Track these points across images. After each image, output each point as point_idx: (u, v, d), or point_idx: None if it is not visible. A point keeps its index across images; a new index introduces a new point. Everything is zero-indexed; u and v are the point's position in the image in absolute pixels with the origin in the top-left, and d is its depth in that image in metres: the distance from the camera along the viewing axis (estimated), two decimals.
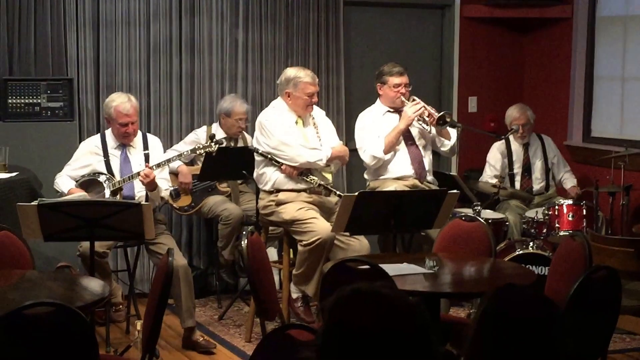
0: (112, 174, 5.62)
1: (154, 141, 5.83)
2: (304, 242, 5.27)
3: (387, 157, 5.86)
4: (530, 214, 6.42)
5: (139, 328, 4.28)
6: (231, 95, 6.60)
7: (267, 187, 5.53)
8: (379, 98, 6.04)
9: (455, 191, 5.19)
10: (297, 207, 5.38)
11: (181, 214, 6.56)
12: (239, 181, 6.46)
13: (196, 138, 6.41)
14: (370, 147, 5.86)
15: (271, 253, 6.27)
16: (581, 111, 7.52)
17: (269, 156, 5.46)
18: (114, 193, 5.54)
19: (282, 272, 5.72)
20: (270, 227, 5.76)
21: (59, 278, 4.57)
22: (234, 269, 6.53)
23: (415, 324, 1.80)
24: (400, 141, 5.91)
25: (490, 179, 6.75)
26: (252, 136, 5.86)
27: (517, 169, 6.89)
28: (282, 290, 5.64)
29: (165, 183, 5.70)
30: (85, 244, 5.07)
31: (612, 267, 4.01)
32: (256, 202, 5.69)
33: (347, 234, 5.24)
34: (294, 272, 5.44)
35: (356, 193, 4.98)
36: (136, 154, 5.71)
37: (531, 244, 5.93)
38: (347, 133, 7.00)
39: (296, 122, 5.57)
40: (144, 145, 5.74)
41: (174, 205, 6.37)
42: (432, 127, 5.90)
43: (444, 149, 6.03)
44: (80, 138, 6.21)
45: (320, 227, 5.25)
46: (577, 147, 7.46)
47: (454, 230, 5.02)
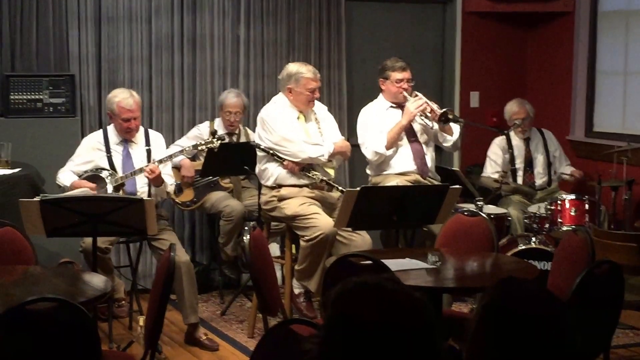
0: (115, 170, 5.62)
1: (156, 137, 5.83)
2: (306, 238, 5.28)
3: (389, 152, 5.86)
4: (532, 209, 6.42)
5: (141, 324, 4.29)
6: (229, 89, 6.60)
7: (270, 183, 5.53)
8: (381, 93, 6.04)
9: (457, 186, 5.19)
10: (299, 203, 5.38)
11: (183, 209, 6.56)
12: (241, 177, 6.46)
13: (199, 133, 6.41)
14: (372, 142, 5.85)
15: (273, 248, 6.27)
16: (583, 106, 7.51)
17: (271, 152, 5.46)
18: (117, 189, 5.54)
19: (284, 267, 5.73)
20: (272, 223, 5.76)
21: (62, 274, 4.58)
22: (236, 265, 6.53)
23: (419, 318, 1.80)
24: (403, 137, 5.91)
25: (492, 174, 6.75)
26: (254, 131, 5.86)
27: (519, 164, 6.89)
28: (285, 285, 5.65)
29: (169, 179, 5.71)
30: (88, 240, 5.08)
31: (614, 262, 4.01)
32: (258, 198, 5.69)
33: (350, 229, 5.24)
34: (296, 267, 5.44)
35: (358, 188, 4.98)
36: (138, 150, 5.71)
37: (533, 239, 5.93)
38: (348, 128, 6.99)
39: (298, 118, 5.57)
40: (146, 141, 5.74)
41: (176, 200, 6.37)
42: (435, 123, 5.89)
43: (446, 144, 6.02)
44: (83, 134, 6.21)
45: (323, 222, 5.25)
46: (580, 142, 7.46)
47: (456, 226, 5.02)
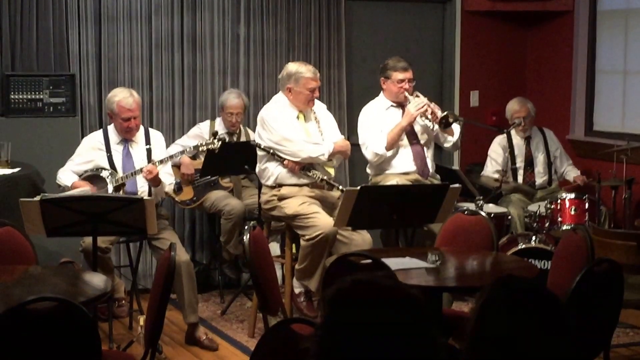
0: (115, 169, 5.63)
1: (156, 136, 5.83)
2: (307, 237, 5.28)
3: (389, 153, 5.84)
4: (532, 207, 6.43)
5: (141, 323, 4.30)
6: (230, 89, 6.61)
7: (270, 182, 5.53)
8: (382, 92, 6.03)
9: (457, 185, 5.20)
10: (299, 202, 5.38)
11: (183, 207, 6.56)
12: (242, 176, 6.46)
13: (200, 132, 6.41)
14: (372, 143, 5.84)
15: (273, 248, 6.27)
16: (583, 105, 7.51)
17: (271, 151, 5.46)
18: (117, 188, 5.55)
19: (284, 266, 5.73)
20: (272, 222, 5.77)
21: (62, 273, 4.57)
22: (236, 264, 6.53)
23: (415, 315, 1.80)
24: (403, 138, 5.89)
25: (492, 173, 6.75)
26: (254, 131, 5.87)
27: (520, 162, 6.89)
28: (285, 285, 5.65)
29: (168, 178, 5.71)
30: (88, 240, 5.08)
31: (614, 261, 4.01)
32: (258, 197, 5.70)
33: (350, 228, 5.24)
34: (296, 266, 5.44)
35: (358, 187, 4.98)
36: (138, 149, 5.71)
37: (534, 238, 5.93)
38: (348, 127, 6.99)
39: (298, 117, 5.57)
40: (146, 140, 5.74)
41: (176, 198, 6.37)
42: (435, 124, 5.88)
43: (447, 145, 6.01)
44: (83, 133, 6.22)
45: (323, 221, 5.25)
46: (580, 141, 7.46)
47: (456, 225, 5.02)
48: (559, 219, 6.21)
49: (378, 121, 5.89)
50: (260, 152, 5.57)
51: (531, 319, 1.91)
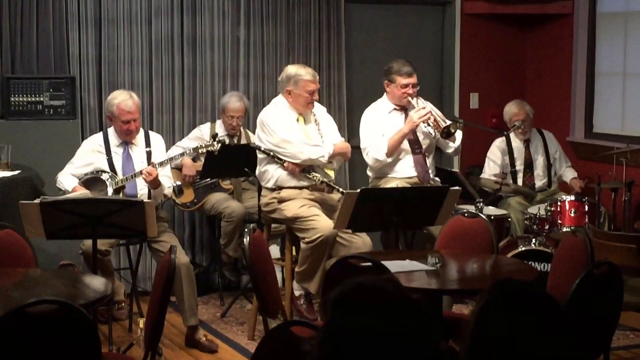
0: (115, 172, 5.63)
1: (156, 139, 5.84)
2: (307, 240, 5.28)
3: (390, 160, 5.80)
4: (532, 210, 6.42)
5: (141, 326, 4.30)
6: (232, 92, 6.61)
7: (270, 185, 5.53)
8: (385, 94, 5.98)
9: (457, 188, 5.20)
10: (299, 205, 5.38)
11: (183, 210, 6.56)
12: (242, 178, 6.46)
13: (200, 134, 6.41)
14: (373, 149, 5.79)
15: (273, 250, 6.27)
16: (583, 107, 7.51)
17: (272, 154, 5.46)
18: (117, 191, 5.54)
19: (284, 269, 5.73)
20: (272, 225, 5.76)
21: (62, 276, 4.58)
22: (236, 267, 6.53)
23: (417, 319, 1.80)
24: (406, 145, 5.82)
25: (490, 176, 6.76)
26: (254, 133, 5.87)
27: (519, 165, 6.89)
28: (285, 287, 5.64)
29: (167, 181, 5.71)
30: (88, 242, 5.08)
31: (614, 263, 4.01)
32: (258, 200, 5.70)
33: (350, 231, 5.24)
34: (296, 269, 5.44)
35: (358, 190, 4.98)
36: (138, 152, 5.71)
37: (534, 240, 5.93)
38: (348, 129, 7.00)
39: (297, 120, 5.57)
40: (146, 143, 5.74)
41: (177, 201, 6.37)
42: (437, 132, 5.82)
43: (449, 150, 5.98)
44: (83, 136, 6.22)
45: (323, 224, 5.25)
46: (579, 143, 7.46)
47: (456, 227, 5.02)
48: (559, 222, 6.20)
49: (380, 125, 5.85)
50: (260, 155, 5.57)
51: (530, 321, 1.91)
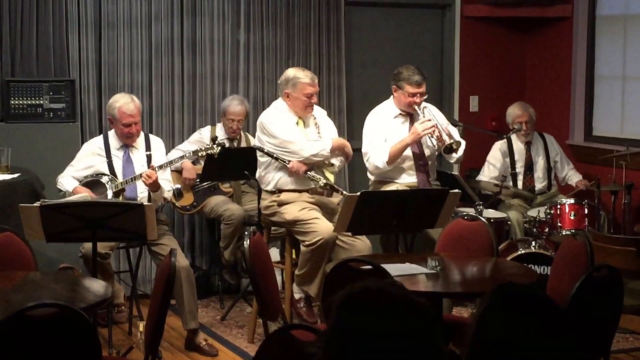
0: (115, 175, 5.63)
1: (156, 142, 5.84)
2: (307, 243, 5.27)
3: (390, 168, 5.77)
4: (532, 213, 6.43)
5: (141, 329, 4.30)
6: (233, 96, 6.61)
7: (269, 188, 5.53)
8: (392, 97, 5.94)
9: (457, 191, 5.20)
10: (299, 208, 5.38)
11: (183, 213, 6.56)
12: (242, 181, 6.46)
13: (200, 137, 6.41)
14: (374, 156, 5.73)
15: (273, 253, 6.26)
16: (582, 110, 7.52)
17: (274, 155, 5.43)
18: (117, 194, 5.55)
19: (284, 272, 5.73)
20: (272, 228, 5.77)
21: (62, 279, 4.58)
22: (236, 270, 6.53)
23: (422, 323, 1.80)
24: (411, 160, 5.81)
25: (488, 178, 6.75)
26: (254, 136, 5.86)
27: (520, 167, 6.89)
28: (285, 290, 5.64)
29: (167, 184, 5.71)
30: (88, 245, 5.08)
31: (614, 266, 4.01)
32: (258, 203, 5.69)
33: (349, 234, 5.24)
34: (296, 272, 5.44)
35: (358, 193, 4.98)
36: (139, 155, 5.71)
37: (533, 243, 5.93)
38: (348, 132, 7.00)
39: (297, 123, 5.56)
40: (146, 146, 5.75)
41: (176, 204, 6.37)
42: (439, 145, 5.77)
43: (450, 160, 5.94)
44: (83, 139, 6.22)
45: (323, 227, 5.25)
46: (579, 146, 7.46)
47: (456, 230, 5.02)
48: (559, 224, 6.20)
49: (383, 129, 5.79)
50: (261, 158, 5.56)
51: (531, 325, 1.92)
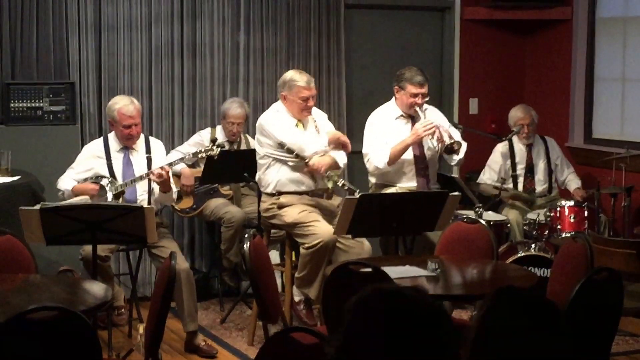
0: (115, 177, 5.63)
1: (156, 144, 5.84)
2: (306, 245, 5.28)
3: (390, 169, 5.78)
4: (532, 215, 6.43)
5: (141, 332, 4.29)
6: (233, 98, 6.61)
7: (269, 190, 5.53)
8: (394, 99, 5.96)
9: (456, 193, 5.20)
10: (299, 210, 5.38)
11: (183, 216, 6.56)
12: (241, 184, 6.46)
13: (200, 139, 6.41)
14: (374, 157, 5.75)
15: (273, 256, 6.27)
16: (582, 113, 7.52)
17: (295, 152, 5.42)
18: (117, 196, 5.54)
19: (284, 275, 5.73)
20: (272, 230, 5.76)
21: (62, 282, 4.58)
22: (236, 272, 6.53)
23: (437, 326, 1.80)
24: (411, 164, 5.81)
25: (487, 180, 6.76)
26: (254, 138, 5.86)
27: (520, 170, 6.89)
28: (285, 293, 5.64)
29: (173, 186, 5.71)
30: (88, 248, 5.08)
31: (613, 269, 4.01)
32: (258, 205, 5.70)
33: (349, 236, 5.24)
34: (296, 275, 5.44)
35: (358, 196, 4.98)
36: (139, 157, 5.71)
37: (533, 245, 5.94)
38: (348, 135, 6.97)
39: (296, 125, 5.56)
40: (146, 149, 5.75)
41: (176, 207, 6.37)
42: (440, 146, 5.78)
43: (451, 163, 5.95)
44: (83, 142, 6.22)
45: (323, 229, 5.25)
46: (579, 149, 7.46)
47: (455, 233, 5.03)
48: (558, 227, 6.20)
49: (384, 130, 5.80)
50: (260, 160, 5.56)
51: (532, 329, 1.92)
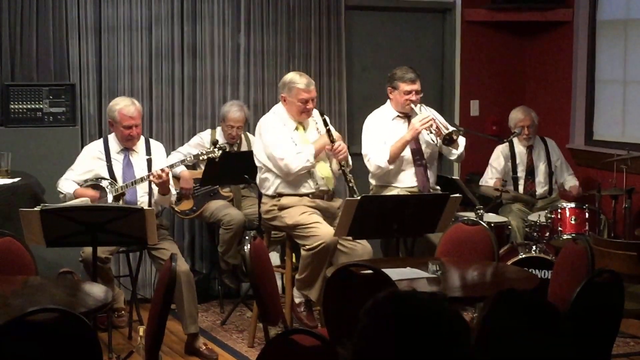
0: (115, 179, 5.63)
1: (156, 146, 5.84)
2: (307, 247, 5.27)
3: (392, 167, 5.77)
4: (533, 217, 6.42)
5: (141, 334, 4.28)
6: (232, 101, 6.60)
7: (270, 192, 5.52)
8: (389, 100, 5.97)
9: (457, 195, 5.19)
10: (300, 212, 5.37)
11: (182, 218, 6.55)
12: (241, 185, 6.46)
13: (200, 141, 6.41)
14: (374, 156, 5.76)
15: (273, 258, 6.26)
16: (583, 114, 7.52)
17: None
18: (117, 198, 5.54)
19: (284, 276, 5.72)
20: (272, 232, 5.76)
21: (62, 284, 4.58)
22: (236, 274, 6.52)
23: (451, 329, 1.79)
24: (408, 156, 5.81)
25: (492, 178, 6.77)
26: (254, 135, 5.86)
27: (521, 172, 6.89)
28: (285, 295, 5.64)
29: (172, 188, 5.71)
30: (88, 250, 5.07)
31: (614, 271, 4.00)
32: (259, 207, 5.69)
33: (350, 238, 5.23)
34: (296, 276, 5.43)
35: (359, 197, 4.98)
36: (139, 159, 5.71)
37: (534, 247, 5.93)
38: (349, 137, 7.00)
39: (297, 128, 5.54)
40: (146, 150, 5.74)
41: (176, 208, 6.36)
42: (439, 140, 5.80)
43: (452, 157, 5.95)
44: (83, 143, 6.22)
45: (323, 231, 5.24)
46: (580, 150, 7.46)
47: (456, 234, 5.02)
48: (559, 229, 6.20)
49: (382, 131, 5.82)
50: (258, 164, 5.55)
51: (533, 331, 1.91)
